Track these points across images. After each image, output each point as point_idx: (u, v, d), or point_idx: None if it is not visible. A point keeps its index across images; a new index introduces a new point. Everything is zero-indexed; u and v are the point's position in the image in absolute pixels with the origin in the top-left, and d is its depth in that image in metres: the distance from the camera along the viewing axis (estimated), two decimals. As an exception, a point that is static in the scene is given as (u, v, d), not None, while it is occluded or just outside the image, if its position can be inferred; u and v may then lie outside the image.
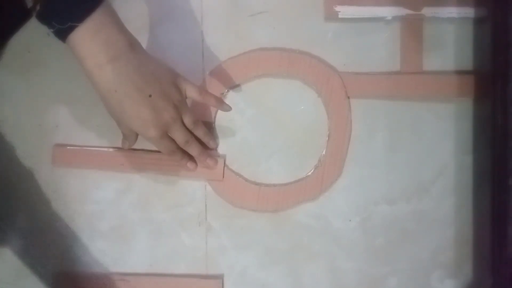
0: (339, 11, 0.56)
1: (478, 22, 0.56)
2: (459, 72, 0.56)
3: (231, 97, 0.57)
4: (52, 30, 0.43)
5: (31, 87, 0.57)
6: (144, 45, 0.56)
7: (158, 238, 0.57)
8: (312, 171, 0.57)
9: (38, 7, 0.42)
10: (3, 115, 0.57)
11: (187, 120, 0.51)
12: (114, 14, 0.46)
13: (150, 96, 0.47)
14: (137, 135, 0.52)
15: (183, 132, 0.51)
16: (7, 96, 0.57)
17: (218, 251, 0.57)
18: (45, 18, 0.43)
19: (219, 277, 0.57)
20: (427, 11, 0.56)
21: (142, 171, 0.57)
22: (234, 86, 0.57)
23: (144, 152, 0.56)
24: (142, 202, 0.57)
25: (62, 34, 0.43)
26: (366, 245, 0.57)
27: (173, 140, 0.51)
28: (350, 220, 0.57)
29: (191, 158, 0.54)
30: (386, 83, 0.56)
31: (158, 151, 0.55)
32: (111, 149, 0.57)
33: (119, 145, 0.56)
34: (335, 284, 0.57)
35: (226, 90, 0.57)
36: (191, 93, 0.51)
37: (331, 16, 0.56)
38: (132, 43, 0.46)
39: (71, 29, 0.42)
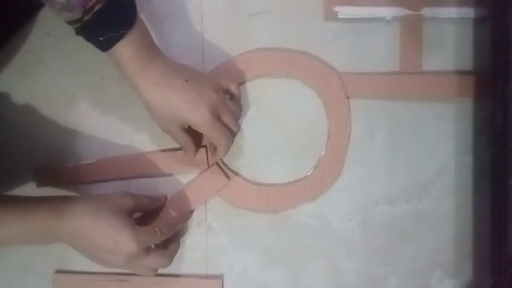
0: (339, 11, 0.56)
1: (478, 22, 0.56)
2: (459, 72, 0.56)
3: None
4: (101, 38, 0.45)
5: (31, 87, 0.57)
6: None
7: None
8: (311, 171, 0.57)
9: (84, 20, 0.44)
10: (3, 115, 0.57)
11: (230, 104, 0.52)
12: (144, 23, 0.49)
13: (186, 81, 0.49)
14: (187, 135, 0.52)
15: (231, 112, 0.51)
16: (7, 96, 0.57)
17: (218, 251, 0.57)
18: (97, 29, 0.45)
19: (219, 277, 0.57)
20: (427, 11, 0.56)
21: (129, 177, 0.57)
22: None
23: (126, 157, 0.57)
24: (142, 202, 0.57)
25: (111, 42, 0.45)
26: (366, 245, 0.57)
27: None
28: (350, 220, 0.57)
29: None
30: (385, 83, 0.56)
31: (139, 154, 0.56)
32: (93, 161, 0.57)
33: (120, 143, 0.57)
34: (335, 284, 0.57)
35: None
36: (229, 86, 0.53)
37: (330, 16, 0.56)
38: (159, 50, 0.50)
39: (122, 36, 0.45)
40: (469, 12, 0.56)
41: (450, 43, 0.57)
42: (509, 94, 0.51)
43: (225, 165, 0.57)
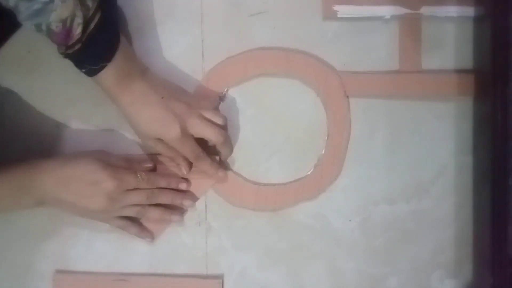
0: (338, 10, 0.56)
1: (477, 20, 0.56)
2: (459, 71, 0.56)
3: (230, 97, 0.57)
4: (84, 70, 0.48)
5: (31, 87, 0.57)
6: (144, 45, 0.56)
7: (158, 238, 0.57)
8: (311, 170, 0.57)
9: (67, 53, 0.47)
10: (3, 115, 0.57)
11: (208, 113, 0.52)
12: (129, 47, 0.51)
13: (162, 98, 0.51)
14: (167, 146, 0.52)
15: (205, 123, 0.52)
16: (7, 96, 0.57)
17: (218, 251, 0.57)
18: (79, 62, 0.48)
19: (219, 277, 0.57)
20: (426, 10, 0.56)
21: None
22: (233, 86, 0.57)
23: (142, 156, 0.57)
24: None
25: (93, 72, 0.48)
26: (366, 245, 0.57)
27: (197, 144, 0.52)
28: (350, 220, 0.57)
29: (219, 166, 0.55)
30: (385, 82, 0.56)
31: (153, 154, 0.56)
32: None
33: (120, 143, 0.57)
34: (335, 284, 0.57)
35: (226, 90, 0.57)
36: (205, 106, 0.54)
37: (329, 16, 0.56)
38: (143, 70, 0.52)
39: (102, 68, 0.48)
40: (468, 10, 0.56)
41: (450, 41, 0.56)
42: (509, 94, 0.51)
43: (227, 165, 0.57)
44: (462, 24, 0.56)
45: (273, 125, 0.57)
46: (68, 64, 0.57)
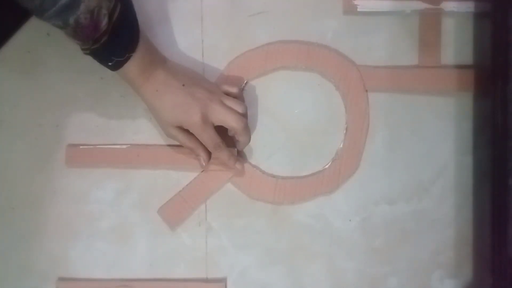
0: (358, 5, 0.56)
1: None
2: (477, 67, 0.56)
3: (249, 89, 0.57)
4: (110, 63, 0.49)
5: (31, 87, 0.57)
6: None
7: (158, 238, 0.57)
8: (329, 164, 0.57)
9: (93, 48, 0.47)
10: (3, 115, 0.57)
11: (229, 101, 0.53)
12: (148, 37, 0.52)
13: (183, 85, 0.52)
14: (188, 136, 0.53)
15: (226, 109, 0.52)
16: (7, 96, 0.57)
17: (218, 251, 0.57)
18: (105, 55, 0.49)
19: (222, 281, 0.57)
20: (446, 5, 0.56)
21: (156, 168, 0.57)
22: (252, 78, 0.57)
23: (158, 147, 0.57)
24: (142, 202, 0.57)
25: (119, 65, 0.49)
26: (366, 245, 0.57)
27: (217, 134, 0.52)
28: (350, 220, 0.57)
29: (238, 158, 0.56)
30: (404, 77, 0.56)
31: (172, 145, 0.56)
32: (124, 146, 0.57)
33: (120, 143, 0.57)
34: (335, 284, 0.57)
35: (245, 82, 0.57)
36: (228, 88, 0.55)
37: (349, 10, 0.56)
38: (164, 59, 0.54)
39: (128, 58, 0.49)
40: (488, 7, 0.55)
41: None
42: (509, 94, 0.50)
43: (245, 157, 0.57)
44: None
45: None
46: (68, 64, 0.57)
